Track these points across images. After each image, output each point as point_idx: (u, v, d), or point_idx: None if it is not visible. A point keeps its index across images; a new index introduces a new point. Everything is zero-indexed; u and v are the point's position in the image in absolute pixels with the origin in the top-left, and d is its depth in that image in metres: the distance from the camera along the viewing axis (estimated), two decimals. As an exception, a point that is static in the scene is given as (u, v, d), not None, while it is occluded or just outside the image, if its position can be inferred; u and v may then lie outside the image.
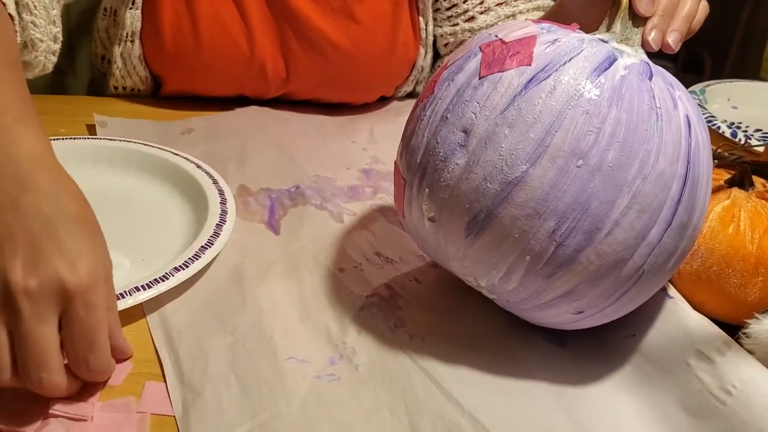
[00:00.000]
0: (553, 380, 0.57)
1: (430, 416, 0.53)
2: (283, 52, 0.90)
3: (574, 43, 0.53)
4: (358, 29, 0.90)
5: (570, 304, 0.53)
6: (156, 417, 0.52)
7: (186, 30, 0.86)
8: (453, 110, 0.53)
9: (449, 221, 0.53)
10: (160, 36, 0.86)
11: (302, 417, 0.52)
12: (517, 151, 0.50)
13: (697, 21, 0.60)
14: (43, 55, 0.72)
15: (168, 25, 0.86)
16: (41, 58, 0.72)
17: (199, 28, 0.86)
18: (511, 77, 0.52)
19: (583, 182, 0.49)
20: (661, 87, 0.53)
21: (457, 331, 0.61)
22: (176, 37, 0.86)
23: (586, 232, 0.50)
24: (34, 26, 0.70)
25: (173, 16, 0.86)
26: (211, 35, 0.87)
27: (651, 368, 0.57)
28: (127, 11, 0.86)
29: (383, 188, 0.80)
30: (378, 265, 0.68)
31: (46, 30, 0.71)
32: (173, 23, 0.86)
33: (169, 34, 0.86)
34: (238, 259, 0.67)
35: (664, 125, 0.51)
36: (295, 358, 0.57)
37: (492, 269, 0.53)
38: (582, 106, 0.50)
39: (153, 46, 0.88)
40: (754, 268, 0.60)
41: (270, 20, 0.89)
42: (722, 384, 0.53)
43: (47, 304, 0.46)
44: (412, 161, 0.56)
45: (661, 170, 0.50)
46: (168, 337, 0.57)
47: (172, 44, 0.87)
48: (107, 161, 0.77)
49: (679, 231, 0.52)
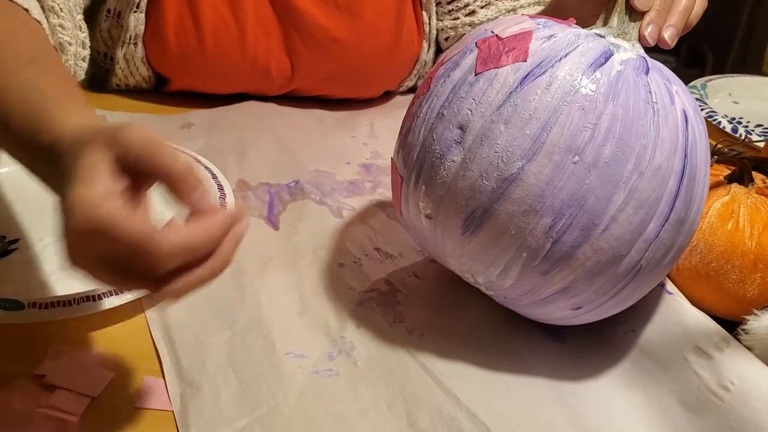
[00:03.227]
0: (551, 375, 0.57)
1: (428, 411, 0.53)
2: (288, 51, 0.90)
3: (570, 38, 0.53)
4: (363, 26, 0.90)
5: (567, 300, 0.53)
6: (154, 412, 0.52)
7: (189, 32, 0.86)
8: (449, 107, 0.53)
9: (446, 218, 0.53)
10: (163, 39, 0.86)
11: (300, 412, 0.52)
12: (513, 147, 0.50)
13: (695, 15, 0.59)
14: (72, 59, 0.72)
15: (171, 28, 0.86)
16: (71, 62, 0.72)
17: (203, 31, 0.86)
18: (506, 73, 0.51)
19: (579, 178, 0.49)
20: (657, 82, 0.52)
21: (455, 326, 0.61)
22: (180, 39, 0.86)
23: (583, 228, 0.50)
24: (62, 29, 0.70)
25: (176, 19, 0.86)
26: (215, 37, 0.87)
27: (649, 364, 0.57)
28: (131, 14, 0.85)
29: (383, 183, 0.80)
30: (377, 260, 0.68)
31: (74, 34, 0.71)
32: (176, 26, 0.86)
33: (172, 37, 0.86)
34: (236, 253, 0.67)
35: (661, 120, 0.51)
36: (294, 353, 0.57)
37: (489, 266, 0.53)
38: (578, 101, 0.50)
39: (156, 49, 0.88)
40: (753, 265, 0.60)
41: (274, 20, 0.89)
42: (720, 380, 0.53)
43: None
44: (408, 158, 0.56)
45: (658, 165, 0.50)
46: (166, 332, 0.58)
47: (175, 47, 0.87)
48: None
49: (677, 226, 0.52)
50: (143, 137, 0.43)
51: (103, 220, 0.40)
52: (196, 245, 0.42)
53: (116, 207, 0.41)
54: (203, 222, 0.43)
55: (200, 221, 0.43)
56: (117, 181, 0.42)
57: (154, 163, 0.42)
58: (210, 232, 0.43)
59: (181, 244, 0.41)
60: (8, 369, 0.54)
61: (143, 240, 0.40)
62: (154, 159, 0.42)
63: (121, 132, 0.42)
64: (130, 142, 0.42)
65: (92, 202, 0.41)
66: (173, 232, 0.41)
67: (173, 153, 0.43)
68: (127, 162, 0.42)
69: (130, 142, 0.42)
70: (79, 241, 0.42)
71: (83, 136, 0.44)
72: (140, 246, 0.40)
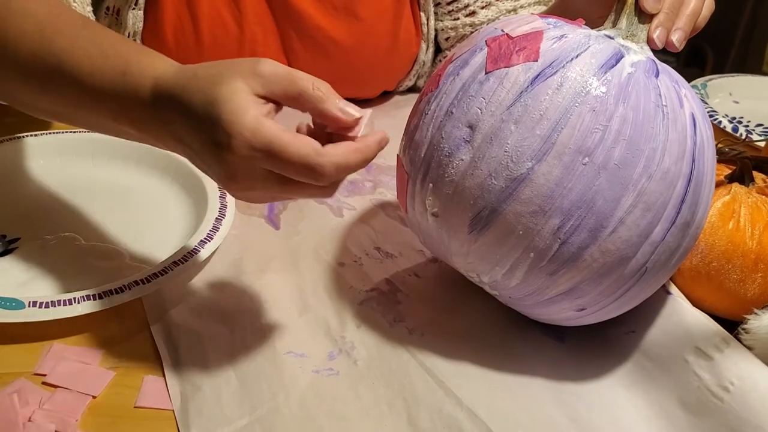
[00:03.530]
0: (551, 376, 0.57)
1: (429, 410, 0.53)
2: (285, 51, 0.90)
3: (581, 39, 0.53)
4: (361, 27, 0.90)
5: (572, 301, 0.53)
6: (154, 411, 0.52)
7: (187, 30, 0.86)
8: (458, 105, 0.53)
9: (453, 217, 0.53)
10: (161, 36, 0.86)
11: (301, 411, 0.52)
12: (522, 147, 0.50)
13: (702, 18, 0.59)
14: None
15: (169, 26, 0.86)
16: None
17: (201, 29, 0.86)
18: (517, 73, 0.51)
19: (588, 180, 0.49)
20: (667, 85, 0.52)
21: (456, 326, 0.61)
22: (178, 37, 0.86)
23: (591, 229, 0.50)
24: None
25: (174, 17, 0.86)
26: (213, 36, 0.87)
27: (649, 364, 0.57)
28: (129, 11, 0.85)
29: (383, 183, 0.80)
30: (378, 260, 0.68)
31: None
32: (175, 24, 0.86)
33: (170, 35, 0.86)
34: (237, 253, 0.67)
35: (670, 123, 0.51)
36: (294, 353, 0.57)
37: (495, 265, 0.53)
38: (589, 103, 0.50)
39: (154, 47, 0.88)
40: (753, 264, 0.60)
41: (271, 20, 0.89)
42: (720, 381, 0.53)
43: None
44: (415, 156, 0.55)
45: (667, 169, 0.50)
46: (167, 332, 0.57)
47: (173, 45, 0.87)
48: (107, 155, 0.77)
49: (683, 229, 0.52)
50: (281, 68, 0.48)
51: (272, 139, 0.45)
52: (357, 163, 0.48)
53: (279, 127, 0.46)
54: (360, 144, 0.49)
55: (357, 143, 0.49)
56: (264, 106, 0.47)
57: (297, 89, 0.48)
58: (366, 153, 0.49)
59: (343, 162, 0.47)
60: (8, 369, 0.54)
61: (311, 157, 0.46)
62: (296, 84, 0.48)
63: (259, 65, 0.48)
64: (271, 73, 0.48)
65: (255, 123, 0.46)
66: (336, 150, 0.47)
67: (310, 78, 0.48)
68: (268, 89, 0.48)
69: (271, 73, 0.48)
70: (247, 160, 0.46)
71: (215, 69, 0.49)
72: (307, 163, 0.46)
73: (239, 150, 0.46)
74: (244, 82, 0.47)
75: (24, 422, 0.49)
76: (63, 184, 0.74)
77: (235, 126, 0.46)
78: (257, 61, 0.48)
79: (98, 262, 0.65)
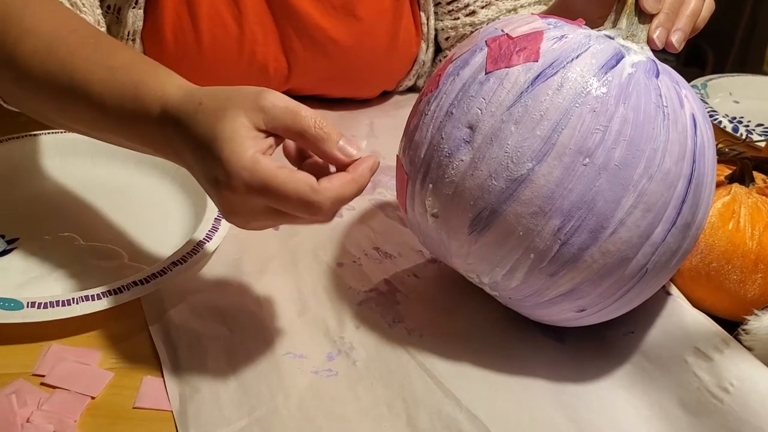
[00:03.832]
0: (551, 377, 0.57)
1: (428, 411, 0.53)
2: (285, 50, 0.90)
3: (582, 39, 0.53)
4: (360, 26, 0.90)
5: (572, 302, 0.53)
6: (153, 412, 0.52)
7: (187, 29, 0.86)
8: (458, 105, 0.53)
9: (453, 218, 0.53)
10: (161, 36, 0.86)
11: (300, 412, 0.52)
12: (523, 148, 0.50)
13: (702, 19, 0.59)
14: None
15: (169, 25, 0.86)
16: None
17: (200, 28, 0.86)
18: (517, 73, 0.51)
19: (589, 181, 0.49)
20: (668, 85, 0.52)
21: (455, 326, 0.61)
22: (177, 36, 0.86)
23: (591, 230, 0.50)
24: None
25: (174, 16, 0.86)
26: (212, 35, 0.87)
27: (649, 365, 0.57)
28: (129, 10, 0.85)
29: (382, 183, 0.80)
30: (377, 261, 0.68)
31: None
32: (174, 23, 0.86)
33: (170, 34, 0.86)
34: (236, 254, 0.67)
35: (671, 124, 0.51)
36: (293, 353, 0.57)
37: (495, 266, 0.53)
38: (589, 103, 0.50)
39: (154, 46, 0.88)
40: (753, 265, 0.60)
41: (271, 19, 0.89)
42: (720, 382, 0.53)
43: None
44: (415, 156, 0.55)
45: (667, 169, 0.50)
46: (166, 332, 0.57)
47: (173, 44, 0.87)
48: (106, 155, 0.77)
49: (683, 230, 0.52)
50: (284, 103, 0.49)
51: (269, 178, 0.47)
52: (352, 194, 0.49)
53: (276, 165, 0.47)
54: (354, 174, 0.49)
55: (351, 173, 0.49)
56: (264, 141, 0.48)
57: (299, 127, 0.49)
58: (360, 183, 0.50)
59: (338, 195, 0.48)
60: (6, 369, 0.54)
61: (308, 195, 0.47)
62: (298, 123, 0.49)
63: (262, 98, 0.49)
64: (274, 108, 0.49)
65: (252, 163, 0.47)
66: (332, 185, 0.48)
67: (312, 115, 0.49)
68: (270, 125, 0.49)
69: (274, 108, 0.49)
70: (246, 196, 0.47)
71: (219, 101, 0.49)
72: (304, 201, 0.47)
73: (237, 189, 0.47)
74: (246, 116, 0.48)
75: (22, 423, 0.49)
76: (62, 183, 0.74)
77: (233, 165, 0.47)
78: (261, 93, 0.49)
79: (97, 262, 0.65)
